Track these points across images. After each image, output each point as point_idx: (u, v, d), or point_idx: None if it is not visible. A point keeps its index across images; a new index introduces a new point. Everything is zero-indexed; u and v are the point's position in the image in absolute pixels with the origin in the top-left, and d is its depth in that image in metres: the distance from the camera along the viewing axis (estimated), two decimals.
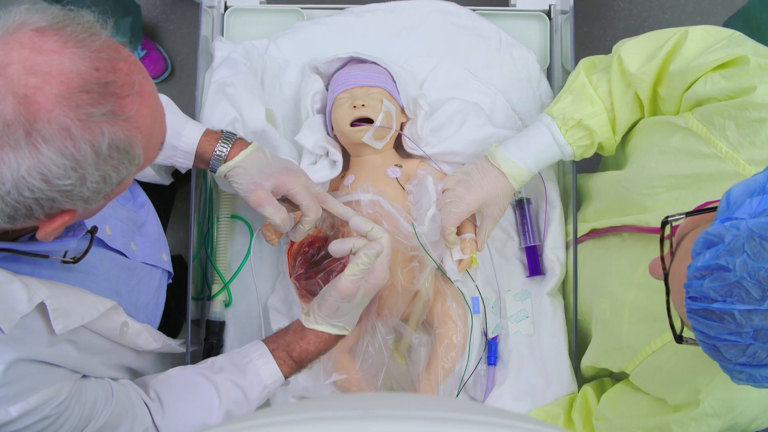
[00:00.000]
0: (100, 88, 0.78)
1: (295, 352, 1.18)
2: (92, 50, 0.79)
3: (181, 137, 1.22)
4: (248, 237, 1.47)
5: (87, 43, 0.79)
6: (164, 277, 1.33)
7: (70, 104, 0.76)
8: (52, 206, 0.81)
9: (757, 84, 1.03)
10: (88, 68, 0.77)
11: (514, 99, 1.51)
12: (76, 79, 0.76)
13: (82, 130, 0.77)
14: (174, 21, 2.53)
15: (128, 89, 0.81)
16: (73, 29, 0.79)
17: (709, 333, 0.77)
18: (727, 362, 0.78)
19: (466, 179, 1.32)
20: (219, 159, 1.22)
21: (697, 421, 1.06)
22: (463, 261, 1.36)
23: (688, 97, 1.14)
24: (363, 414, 0.56)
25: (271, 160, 1.23)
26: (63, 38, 0.78)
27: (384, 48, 1.52)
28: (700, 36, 1.15)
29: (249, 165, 1.21)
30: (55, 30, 0.78)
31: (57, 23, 0.79)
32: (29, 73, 0.74)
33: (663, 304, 1.11)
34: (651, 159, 1.18)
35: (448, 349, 1.34)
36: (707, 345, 0.79)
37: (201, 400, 1.15)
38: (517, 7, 1.58)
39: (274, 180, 1.21)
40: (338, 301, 1.14)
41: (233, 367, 1.17)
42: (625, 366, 1.21)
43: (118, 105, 0.80)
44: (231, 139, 1.23)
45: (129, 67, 0.82)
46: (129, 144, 0.82)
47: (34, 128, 0.75)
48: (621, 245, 1.25)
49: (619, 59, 1.22)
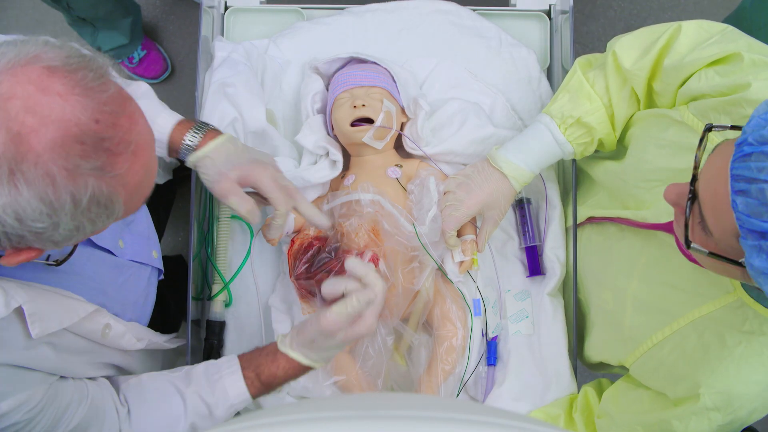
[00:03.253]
0: (95, 142, 0.77)
1: (264, 374, 1.17)
2: (98, 101, 0.77)
3: (154, 125, 1.19)
4: (248, 237, 1.47)
5: (95, 92, 0.77)
6: (154, 275, 1.32)
7: (61, 152, 0.74)
8: (20, 242, 0.80)
9: (751, 81, 1.03)
10: (89, 119, 0.76)
11: (514, 99, 1.51)
12: (73, 129, 0.75)
13: (66, 179, 0.76)
14: (174, 21, 2.53)
15: (123, 147, 0.79)
16: (85, 74, 0.78)
17: (758, 176, 0.78)
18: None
19: (467, 182, 1.32)
20: (188, 149, 1.20)
21: (698, 415, 1.06)
22: (464, 262, 1.36)
23: (682, 92, 1.14)
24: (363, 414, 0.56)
25: (240, 150, 1.21)
26: (72, 82, 0.76)
27: (384, 48, 1.52)
28: (693, 31, 1.15)
29: (217, 155, 1.19)
30: (66, 72, 0.77)
31: (71, 64, 0.77)
32: (28, 112, 0.73)
33: (664, 297, 1.12)
34: (647, 152, 1.18)
35: (449, 351, 1.34)
36: (752, 195, 0.79)
37: (168, 411, 1.15)
38: (517, 7, 1.58)
39: (240, 170, 1.19)
40: (316, 334, 1.10)
41: (205, 381, 1.17)
42: (626, 359, 1.21)
43: (110, 161, 0.78)
44: (202, 130, 1.21)
45: (130, 124, 0.81)
46: (110, 200, 0.81)
47: (19, 168, 0.74)
48: (620, 235, 1.25)
49: (614, 55, 1.22)
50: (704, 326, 1.07)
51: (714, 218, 0.86)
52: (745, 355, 1.02)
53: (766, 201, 0.77)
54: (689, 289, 1.10)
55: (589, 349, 1.36)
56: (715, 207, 0.84)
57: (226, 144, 1.21)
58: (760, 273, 0.80)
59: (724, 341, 1.04)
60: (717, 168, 0.84)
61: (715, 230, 0.86)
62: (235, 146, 1.22)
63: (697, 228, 0.89)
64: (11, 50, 0.77)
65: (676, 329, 1.11)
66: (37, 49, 0.77)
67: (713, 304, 1.06)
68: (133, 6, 2.27)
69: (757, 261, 0.79)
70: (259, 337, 1.43)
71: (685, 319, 1.10)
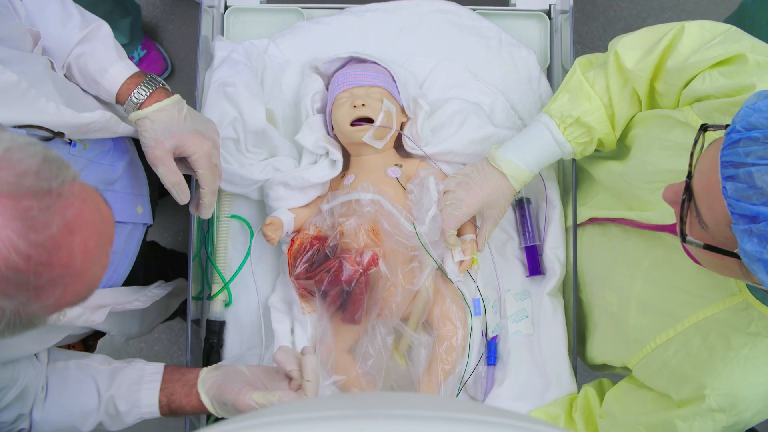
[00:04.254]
0: (20, 281, 0.72)
1: (174, 403, 1.19)
2: (34, 239, 0.72)
3: (106, 74, 1.18)
4: (248, 237, 1.47)
5: (35, 228, 0.72)
6: (137, 230, 1.31)
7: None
8: None
9: (755, 82, 1.03)
10: (19, 256, 0.71)
11: (514, 99, 1.51)
12: (0, 264, 0.70)
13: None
14: (174, 21, 2.53)
15: (53, 284, 0.74)
16: (30, 205, 0.72)
17: (745, 160, 0.81)
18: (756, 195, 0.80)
19: (467, 181, 1.32)
20: (133, 105, 1.17)
21: (702, 416, 1.06)
22: (464, 262, 1.36)
23: (686, 93, 1.14)
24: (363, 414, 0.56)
25: (183, 118, 1.18)
26: (12, 213, 0.71)
27: (384, 48, 1.52)
28: (696, 31, 1.15)
29: (157, 119, 1.16)
30: (10, 198, 0.71)
31: (20, 189, 0.71)
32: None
33: (668, 299, 1.12)
34: (651, 153, 1.18)
35: (448, 351, 1.34)
36: (740, 179, 0.82)
37: (82, 405, 1.16)
38: (517, 7, 1.58)
39: (176, 140, 1.17)
40: (231, 402, 1.13)
41: (125, 389, 1.18)
42: (629, 360, 1.21)
43: (35, 296, 0.74)
44: (152, 86, 1.18)
45: (69, 260, 0.75)
46: (31, 321, 0.77)
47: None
48: (624, 237, 1.25)
49: (616, 55, 1.22)
50: (709, 328, 1.07)
51: (708, 208, 0.87)
52: (751, 357, 1.02)
53: (754, 184, 0.80)
54: (694, 290, 1.10)
55: (593, 350, 1.36)
56: (709, 196, 0.86)
57: (170, 108, 1.17)
58: (754, 259, 0.81)
59: (730, 343, 1.04)
60: (710, 159, 0.87)
61: (709, 221, 0.87)
62: (180, 112, 1.18)
63: (694, 222, 0.91)
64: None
65: (681, 331, 1.11)
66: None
67: (718, 305, 1.06)
68: (133, 6, 2.27)
69: (748, 245, 0.81)
70: (259, 336, 1.43)
71: (689, 320, 1.09)
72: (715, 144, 0.88)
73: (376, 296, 1.32)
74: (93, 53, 1.17)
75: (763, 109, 0.83)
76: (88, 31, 1.17)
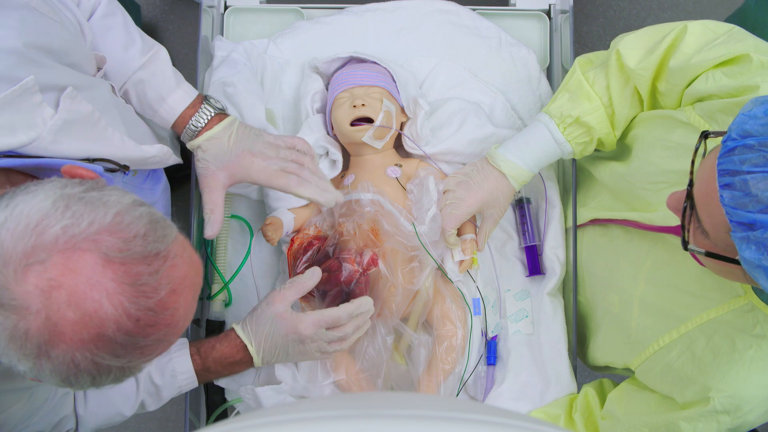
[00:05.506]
0: (129, 343, 0.75)
1: (210, 358, 1.22)
2: (145, 303, 0.75)
3: (164, 104, 1.20)
4: (248, 237, 1.47)
5: (144, 294, 0.75)
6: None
7: (92, 348, 0.74)
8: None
9: (759, 83, 1.03)
10: (129, 320, 0.74)
11: (514, 99, 1.51)
12: (111, 327, 0.73)
13: (90, 367, 0.75)
14: (174, 21, 2.53)
15: (161, 340, 0.78)
16: (140, 271, 0.75)
17: (741, 168, 0.82)
18: (752, 202, 0.81)
19: (467, 181, 1.32)
20: (190, 133, 1.20)
21: (707, 417, 1.06)
22: (464, 261, 1.36)
23: (689, 93, 1.14)
24: (363, 414, 0.56)
25: (233, 142, 1.21)
26: (123, 278, 0.74)
27: (384, 48, 1.52)
28: (699, 31, 1.14)
29: (208, 147, 1.20)
30: (121, 264, 0.74)
31: (129, 255, 0.74)
32: (71, 307, 0.72)
33: (671, 300, 1.12)
34: (653, 154, 1.18)
35: (448, 351, 1.34)
36: (736, 187, 0.82)
37: (120, 390, 1.18)
38: (516, 7, 1.58)
39: (226, 171, 1.21)
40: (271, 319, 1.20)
41: (156, 361, 1.18)
42: (631, 362, 1.21)
43: (139, 354, 0.77)
44: (207, 115, 1.21)
45: (171, 320, 0.78)
46: (133, 372, 0.80)
47: (47, 352, 0.73)
48: (627, 238, 1.25)
49: (618, 54, 1.22)
50: (713, 330, 1.07)
51: (708, 216, 0.87)
52: (756, 359, 1.02)
53: (749, 192, 0.80)
54: (697, 292, 1.10)
55: (595, 351, 1.36)
56: (708, 204, 0.87)
57: (220, 134, 1.20)
58: (753, 265, 0.82)
59: (735, 345, 1.04)
60: (708, 167, 0.87)
61: (710, 229, 0.88)
62: (230, 136, 1.21)
63: (696, 231, 0.91)
64: (72, 215, 0.73)
65: (685, 332, 1.11)
66: (106, 219, 0.74)
67: (722, 307, 1.06)
68: (133, 6, 2.26)
69: (747, 252, 0.81)
70: None
71: (693, 322, 1.09)
72: (714, 152, 0.88)
73: (376, 296, 1.32)
74: (152, 80, 1.19)
75: (758, 115, 0.83)
76: (148, 58, 1.19)
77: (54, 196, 0.75)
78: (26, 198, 0.75)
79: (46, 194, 0.75)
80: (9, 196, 0.76)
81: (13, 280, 0.71)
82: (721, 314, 1.06)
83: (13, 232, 0.72)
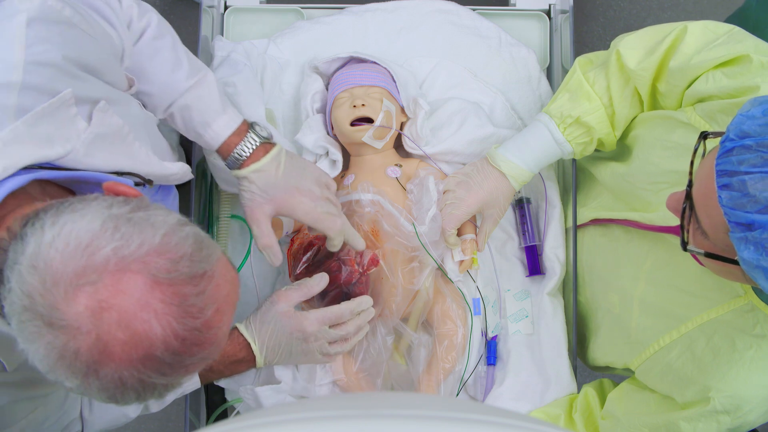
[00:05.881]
0: (175, 361, 0.77)
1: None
2: (191, 324, 0.77)
3: (209, 129, 1.19)
4: (248, 237, 1.47)
5: (191, 315, 0.77)
6: None
7: (139, 366, 0.75)
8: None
9: (760, 83, 1.03)
10: (176, 340, 0.76)
11: (514, 99, 1.51)
12: (159, 347, 0.75)
13: (137, 384, 0.76)
14: (174, 21, 2.51)
15: (204, 358, 0.80)
16: (188, 292, 0.76)
17: (738, 168, 0.82)
18: (750, 203, 0.81)
19: (467, 181, 1.32)
20: (234, 161, 1.20)
21: (707, 417, 1.06)
22: (464, 261, 1.36)
23: (689, 94, 1.14)
24: (363, 414, 0.56)
25: (280, 176, 1.20)
26: (171, 299, 0.75)
27: (384, 48, 1.52)
28: (699, 31, 1.14)
29: (255, 179, 1.19)
30: (169, 285, 0.75)
31: (177, 276, 0.76)
32: (121, 327, 0.73)
33: (672, 300, 1.12)
34: (654, 154, 1.18)
35: (449, 349, 1.34)
36: (734, 188, 0.82)
37: None
38: (516, 7, 1.58)
39: (272, 205, 1.20)
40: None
41: None
42: (632, 362, 1.21)
43: (183, 372, 0.79)
44: (253, 144, 1.19)
45: (214, 338, 0.80)
46: (175, 388, 0.82)
47: (95, 370, 0.74)
48: (627, 238, 1.25)
49: (618, 54, 1.22)
50: (713, 330, 1.07)
51: (707, 217, 0.87)
52: (756, 359, 1.02)
53: (747, 192, 0.80)
54: (698, 292, 1.10)
55: (595, 351, 1.36)
56: (707, 204, 0.87)
57: (268, 166, 1.19)
58: (752, 266, 0.82)
59: (735, 345, 1.04)
60: (707, 168, 0.87)
61: (709, 230, 0.88)
62: (277, 168, 1.20)
63: (696, 232, 0.91)
64: (121, 237, 0.75)
65: (685, 333, 1.11)
66: (151, 244, 0.75)
67: (723, 307, 1.06)
68: None
69: (745, 253, 0.81)
70: None
71: (693, 322, 1.09)
72: (713, 152, 0.88)
73: (377, 296, 1.32)
74: (198, 104, 1.19)
75: (756, 116, 0.84)
76: (195, 81, 1.18)
77: (102, 216, 0.76)
78: (74, 217, 0.76)
79: (94, 214, 0.76)
80: (53, 213, 0.77)
81: (63, 300, 0.72)
82: (721, 314, 1.06)
83: (62, 253, 0.73)
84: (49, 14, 0.92)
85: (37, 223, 0.76)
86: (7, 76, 0.87)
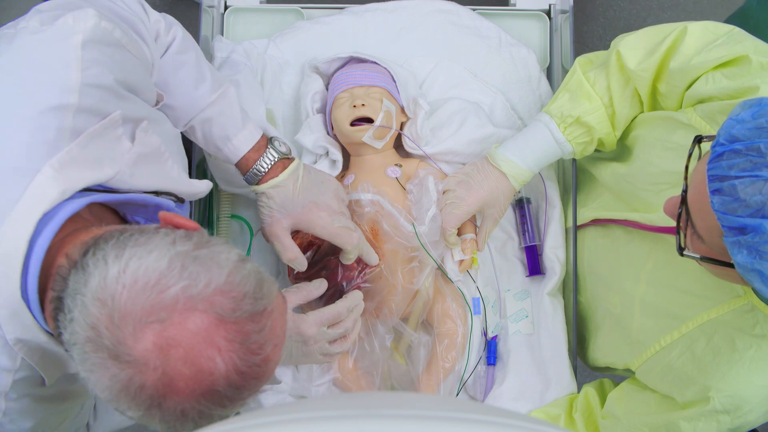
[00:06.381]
0: (235, 394, 0.79)
1: None
2: (252, 360, 0.79)
3: (229, 143, 1.21)
4: (248, 237, 1.47)
5: (252, 352, 0.79)
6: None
7: (201, 400, 0.77)
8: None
9: (759, 84, 1.03)
10: (236, 374, 0.78)
11: (514, 99, 1.51)
12: (220, 382, 0.77)
13: (197, 415, 0.78)
14: None
15: (259, 390, 0.82)
16: (250, 330, 0.78)
17: (729, 173, 0.82)
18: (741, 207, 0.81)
19: (467, 180, 1.32)
20: (253, 176, 1.21)
21: (707, 417, 1.06)
22: (464, 261, 1.36)
23: (689, 95, 1.14)
24: (362, 413, 0.56)
25: (298, 191, 1.22)
26: (234, 336, 0.77)
27: (384, 48, 1.52)
28: (699, 32, 1.14)
29: (273, 195, 1.21)
30: (233, 323, 0.77)
31: (240, 314, 0.78)
32: (186, 363, 0.75)
33: (672, 300, 1.13)
34: (654, 155, 1.18)
35: (448, 349, 1.34)
36: (725, 192, 0.83)
37: None
38: (517, 7, 1.58)
39: (291, 219, 1.22)
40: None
41: None
42: (632, 362, 1.21)
43: (240, 404, 0.81)
44: (272, 159, 1.21)
45: (267, 371, 0.82)
46: (229, 416, 0.83)
47: (158, 403, 0.76)
48: (627, 238, 1.25)
49: (618, 55, 1.22)
50: (714, 330, 1.07)
51: (701, 221, 0.88)
52: (756, 359, 1.02)
53: (738, 196, 0.81)
54: (698, 292, 1.10)
55: (595, 352, 1.36)
56: (700, 209, 0.87)
57: (286, 182, 1.21)
58: (747, 269, 0.82)
59: (735, 345, 1.04)
60: (700, 173, 0.88)
61: (704, 234, 0.88)
62: (295, 183, 1.21)
63: (692, 236, 0.91)
64: (189, 275, 0.76)
65: (685, 333, 1.11)
66: (217, 283, 0.77)
67: (723, 307, 1.06)
68: None
69: (739, 257, 0.82)
70: None
71: (693, 322, 1.09)
72: (705, 157, 0.89)
73: (376, 296, 1.32)
74: (219, 118, 1.20)
75: (745, 119, 0.84)
76: (217, 96, 1.19)
77: (169, 253, 0.77)
78: (139, 252, 0.77)
79: (161, 251, 0.78)
80: (115, 244, 0.78)
81: (131, 336, 0.74)
82: (721, 314, 1.06)
83: (130, 289, 0.74)
84: (102, 36, 0.93)
85: (99, 253, 0.78)
86: (65, 98, 0.88)
